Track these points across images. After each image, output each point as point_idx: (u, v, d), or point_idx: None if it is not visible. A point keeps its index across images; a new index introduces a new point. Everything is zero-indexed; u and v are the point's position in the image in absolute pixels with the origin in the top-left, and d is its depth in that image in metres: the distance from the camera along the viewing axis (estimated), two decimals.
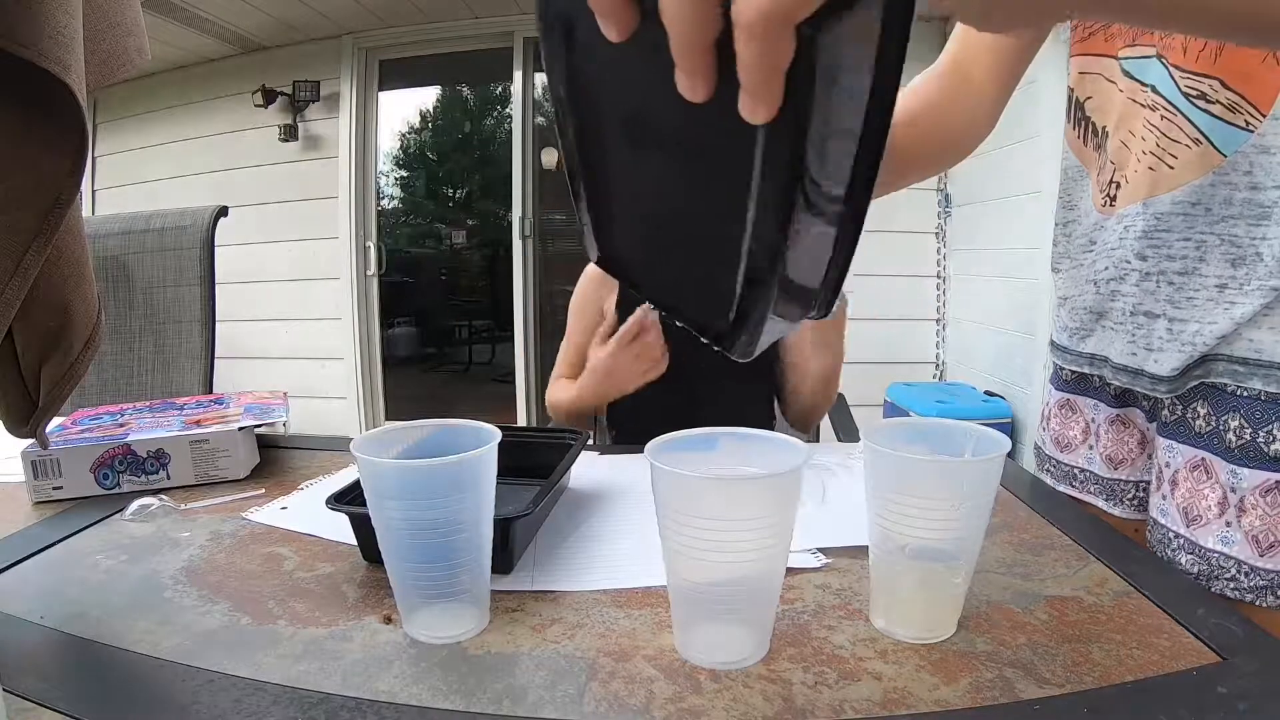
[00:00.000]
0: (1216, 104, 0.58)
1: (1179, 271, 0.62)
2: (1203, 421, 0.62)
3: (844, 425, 1.39)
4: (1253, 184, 0.57)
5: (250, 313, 3.57)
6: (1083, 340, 0.74)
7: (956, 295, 3.18)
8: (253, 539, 0.65)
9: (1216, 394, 0.61)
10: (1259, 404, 0.58)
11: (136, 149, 3.70)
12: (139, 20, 0.53)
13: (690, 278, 0.36)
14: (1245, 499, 0.57)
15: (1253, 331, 0.58)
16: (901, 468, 0.47)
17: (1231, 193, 0.58)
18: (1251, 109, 0.57)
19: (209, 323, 1.49)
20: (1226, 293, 0.59)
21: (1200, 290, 0.61)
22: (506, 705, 0.41)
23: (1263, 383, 0.58)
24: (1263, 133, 0.56)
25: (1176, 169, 0.61)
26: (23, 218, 0.44)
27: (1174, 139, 0.61)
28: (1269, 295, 0.57)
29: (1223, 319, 0.59)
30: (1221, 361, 0.60)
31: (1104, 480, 0.74)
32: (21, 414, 0.53)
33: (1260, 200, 0.57)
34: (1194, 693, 0.41)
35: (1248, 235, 0.58)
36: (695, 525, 0.43)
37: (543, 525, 0.66)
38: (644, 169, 0.35)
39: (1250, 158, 0.57)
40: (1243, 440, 0.58)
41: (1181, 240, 0.61)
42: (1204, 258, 0.60)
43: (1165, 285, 0.63)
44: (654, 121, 0.33)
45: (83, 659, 0.47)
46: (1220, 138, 0.58)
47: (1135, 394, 0.70)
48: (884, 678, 0.44)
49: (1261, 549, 0.56)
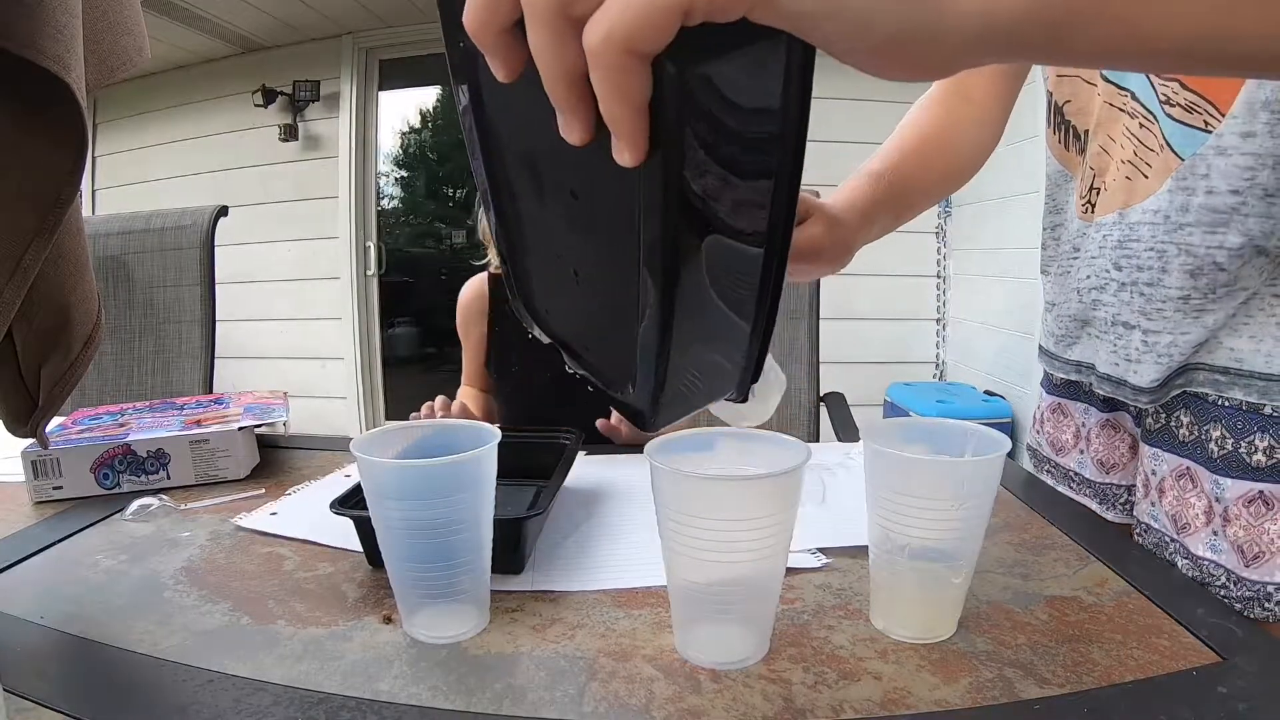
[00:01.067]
0: (1176, 106, 0.57)
1: (1147, 283, 0.61)
2: (1186, 430, 0.61)
3: (844, 425, 1.39)
4: (1209, 188, 0.55)
5: (250, 313, 3.56)
6: (1069, 348, 0.73)
7: (956, 295, 3.18)
8: (252, 539, 0.65)
9: (1198, 403, 0.60)
10: (1240, 414, 0.57)
11: (136, 149, 3.70)
12: (139, 19, 0.53)
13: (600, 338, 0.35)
14: (1229, 509, 0.57)
15: (1233, 340, 0.57)
16: (901, 468, 0.47)
17: (1188, 199, 0.56)
18: (1210, 108, 0.55)
19: (209, 322, 1.49)
20: (1191, 303, 0.58)
21: (1167, 302, 0.59)
22: (506, 705, 0.41)
23: (1243, 393, 0.57)
24: (1220, 133, 0.54)
25: (1150, 178, 0.60)
26: (22, 217, 0.44)
27: (1149, 148, 0.60)
28: (1237, 298, 0.56)
29: (1194, 329, 0.58)
30: (1203, 371, 0.59)
31: (1096, 484, 0.74)
32: (21, 414, 0.52)
33: (1215, 205, 0.55)
34: (1194, 693, 0.41)
35: (1203, 244, 0.56)
36: (695, 525, 0.43)
37: (543, 525, 0.66)
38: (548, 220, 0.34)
39: (1208, 160, 0.55)
40: (1224, 450, 0.57)
41: (1148, 250, 0.60)
42: (1165, 268, 0.59)
43: (1137, 296, 0.62)
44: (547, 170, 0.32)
45: (83, 659, 0.47)
46: (1179, 141, 0.57)
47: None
48: (884, 678, 0.44)
49: (1247, 559, 0.56)
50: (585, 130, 0.25)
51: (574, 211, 0.32)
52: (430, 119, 4.17)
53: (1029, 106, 2.28)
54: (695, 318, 0.29)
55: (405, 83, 3.82)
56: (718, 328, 0.31)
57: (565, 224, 0.33)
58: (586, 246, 0.32)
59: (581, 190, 0.30)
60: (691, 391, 0.34)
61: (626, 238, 0.27)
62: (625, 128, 0.24)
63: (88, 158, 0.45)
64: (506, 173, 0.35)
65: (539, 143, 0.30)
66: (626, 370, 0.32)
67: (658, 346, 0.29)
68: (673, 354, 0.29)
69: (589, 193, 0.30)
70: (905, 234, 3.39)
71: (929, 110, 0.73)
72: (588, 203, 0.30)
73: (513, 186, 0.35)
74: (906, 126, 0.72)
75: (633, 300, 0.29)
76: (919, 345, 3.28)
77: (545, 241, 0.35)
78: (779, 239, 0.29)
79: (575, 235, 0.33)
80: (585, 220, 0.31)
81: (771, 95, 0.26)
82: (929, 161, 0.71)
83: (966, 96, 0.72)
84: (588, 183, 0.29)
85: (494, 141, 0.34)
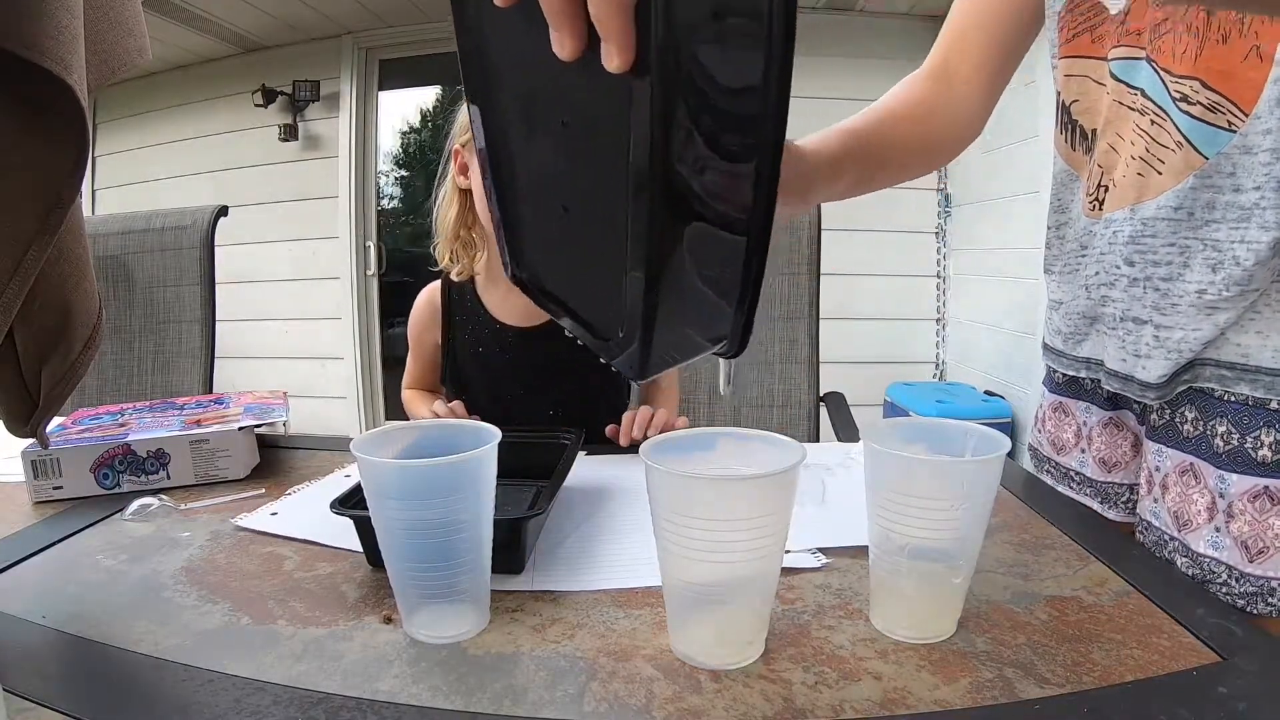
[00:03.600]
0: (1197, 105, 0.57)
1: (1164, 278, 0.61)
2: (1190, 426, 0.61)
3: (844, 425, 1.40)
4: (1235, 186, 0.56)
5: (250, 313, 3.56)
6: (1078, 344, 0.74)
7: (956, 295, 3.18)
8: (252, 539, 0.65)
9: (1204, 399, 0.60)
10: (1246, 409, 0.57)
11: (136, 149, 3.70)
12: (139, 19, 0.53)
13: (589, 280, 0.35)
14: (1233, 505, 0.57)
15: (1240, 336, 0.58)
16: (901, 468, 0.47)
17: (1215, 196, 0.57)
18: (1234, 108, 0.55)
19: (209, 323, 1.49)
20: (1206, 298, 0.58)
21: (1184, 297, 0.60)
22: (506, 705, 0.41)
23: (1249, 388, 0.57)
24: (1245, 132, 0.55)
25: (1164, 174, 0.60)
26: (23, 217, 0.44)
27: (1163, 144, 0.60)
28: (1248, 299, 0.56)
29: (1206, 325, 0.59)
30: (1209, 366, 0.60)
31: (1097, 484, 0.74)
32: (21, 414, 0.52)
33: (1241, 203, 0.56)
34: (1194, 693, 0.41)
35: (1228, 239, 0.57)
36: (690, 525, 0.43)
37: (543, 525, 0.66)
38: (540, 155, 0.34)
39: (1234, 159, 0.56)
40: (1230, 445, 0.57)
41: (1166, 246, 0.60)
42: (1187, 263, 0.59)
43: (1151, 291, 0.62)
44: (541, 103, 0.32)
45: (83, 659, 0.47)
46: (1200, 139, 0.57)
47: (1127, 397, 0.69)
48: (884, 678, 0.44)
49: (1251, 554, 0.56)
50: (576, 42, 0.26)
51: (564, 142, 0.32)
52: (430, 119, 4.17)
53: (1029, 107, 2.30)
54: (686, 247, 0.29)
55: (405, 83, 3.82)
56: (709, 260, 0.31)
57: (555, 156, 0.33)
58: (577, 176, 0.32)
59: (573, 118, 0.31)
60: (683, 340, 0.34)
61: (616, 163, 0.28)
62: (613, 27, 0.25)
63: (88, 158, 0.45)
64: (501, 118, 0.35)
65: (534, 79, 0.31)
66: (617, 313, 0.31)
67: (646, 274, 0.29)
68: (663, 285, 0.29)
69: (580, 119, 0.30)
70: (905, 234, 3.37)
71: (911, 87, 0.73)
72: (578, 130, 0.30)
73: (508, 131, 0.35)
74: (888, 98, 0.73)
75: (622, 231, 0.29)
76: (919, 345, 3.28)
77: (536, 181, 0.35)
78: (768, 163, 0.29)
79: (565, 165, 0.33)
80: (576, 149, 0.32)
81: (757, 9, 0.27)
82: (904, 132, 0.71)
83: (952, 77, 0.73)
84: (578, 110, 0.30)
85: (492, 83, 0.35)
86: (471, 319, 1.09)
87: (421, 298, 1.16)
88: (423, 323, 1.15)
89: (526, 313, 1.07)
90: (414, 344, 1.17)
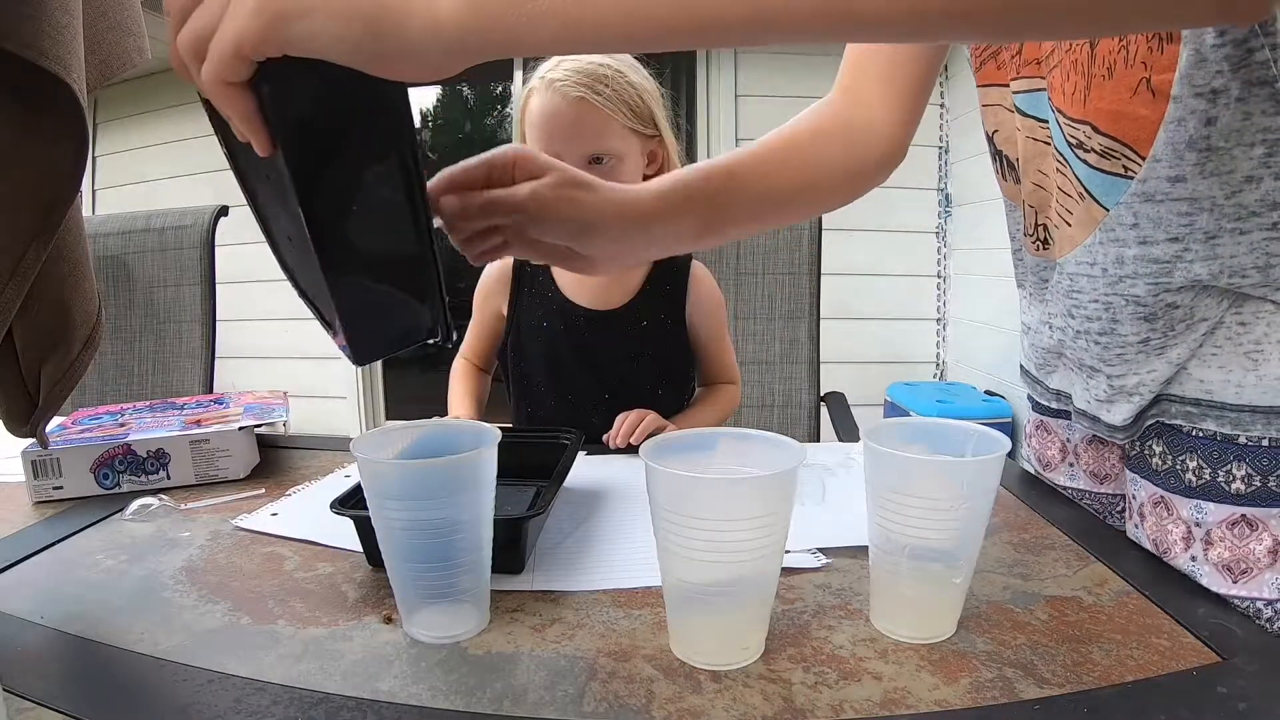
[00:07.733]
0: (1091, 152, 0.53)
1: (1100, 332, 0.58)
2: (1159, 460, 0.59)
3: (844, 425, 1.40)
4: (1141, 238, 0.52)
5: (250, 313, 3.56)
6: (1049, 375, 0.72)
7: (956, 295, 3.18)
8: (252, 539, 0.65)
9: (1171, 433, 0.58)
10: (1215, 445, 0.55)
11: (136, 149, 3.70)
12: (139, 19, 0.53)
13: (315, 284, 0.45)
14: (1211, 532, 0.55)
15: (1202, 371, 0.55)
16: (901, 468, 0.47)
17: (1121, 251, 0.53)
18: (1129, 151, 0.51)
19: (209, 322, 1.49)
20: (1152, 344, 0.56)
21: (1126, 348, 0.57)
22: (506, 705, 0.41)
23: (1216, 424, 0.55)
24: (1144, 178, 0.50)
25: (1074, 226, 0.57)
26: (23, 217, 0.44)
27: (1067, 193, 0.56)
28: (1199, 330, 0.54)
29: (1160, 364, 0.56)
30: (1174, 403, 0.57)
31: (1092, 494, 0.73)
32: (21, 413, 0.53)
33: (1154, 256, 0.52)
34: (1194, 693, 0.41)
35: (1149, 293, 0.53)
36: (690, 525, 0.43)
37: (543, 525, 0.66)
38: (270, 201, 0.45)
39: (1134, 208, 0.52)
40: (1203, 480, 0.56)
41: (1092, 303, 0.58)
42: (1115, 318, 0.57)
43: (1092, 344, 0.60)
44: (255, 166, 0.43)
45: (83, 659, 0.47)
46: (1099, 189, 0.53)
47: None
48: (884, 678, 0.44)
49: (1235, 576, 0.54)
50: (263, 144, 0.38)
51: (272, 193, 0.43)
52: (430, 119, 4.18)
53: None
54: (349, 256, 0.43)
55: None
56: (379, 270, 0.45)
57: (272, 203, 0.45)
58: (282, 218, 0.44)
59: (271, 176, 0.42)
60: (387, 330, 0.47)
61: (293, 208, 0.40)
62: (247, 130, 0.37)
63: (88, 158, 0.45)
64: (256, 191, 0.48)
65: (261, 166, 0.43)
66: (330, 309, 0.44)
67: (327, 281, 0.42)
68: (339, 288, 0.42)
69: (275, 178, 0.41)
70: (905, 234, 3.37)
71: (812, 115, 0.66)
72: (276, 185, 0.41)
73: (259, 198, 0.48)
74: (783, 128, 0.65)
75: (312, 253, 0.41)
76: (919, 345, 3.27)
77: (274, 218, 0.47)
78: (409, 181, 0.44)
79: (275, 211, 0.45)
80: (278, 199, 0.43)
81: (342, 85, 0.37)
82: (788, 163, 0.62)
83: (856, 103, 0.66)
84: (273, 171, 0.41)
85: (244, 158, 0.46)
86: (542, 292, 1.09)
87: (492, 267, 1.14)
88: (489, 288, 1.14)
89: (599, 295, 1.07)
90: (477, 310, 1.16)
